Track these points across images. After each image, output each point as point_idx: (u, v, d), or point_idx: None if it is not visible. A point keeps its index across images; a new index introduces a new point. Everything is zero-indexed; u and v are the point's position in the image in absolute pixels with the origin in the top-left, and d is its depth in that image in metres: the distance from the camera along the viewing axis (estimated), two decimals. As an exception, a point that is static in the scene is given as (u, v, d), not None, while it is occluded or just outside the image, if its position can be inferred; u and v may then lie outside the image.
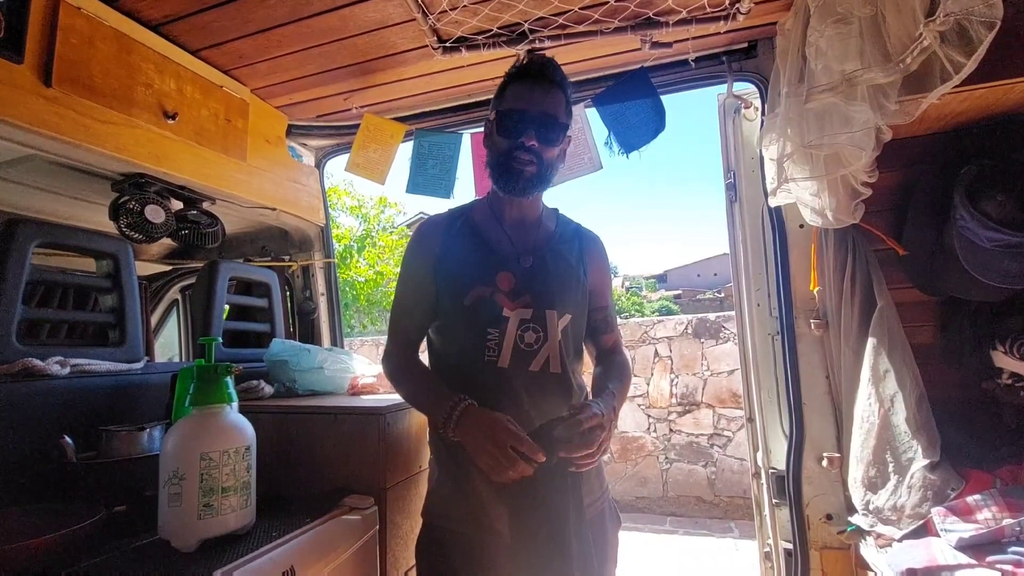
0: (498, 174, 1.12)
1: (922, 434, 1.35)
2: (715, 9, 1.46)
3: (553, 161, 1.13)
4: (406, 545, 1.34)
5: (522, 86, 1.10)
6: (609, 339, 1.25)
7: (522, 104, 1.08)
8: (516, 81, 1.12)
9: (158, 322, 2.77)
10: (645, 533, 3.90)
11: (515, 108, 1.08)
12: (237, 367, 1.11)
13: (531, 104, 1.08)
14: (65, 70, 1.27)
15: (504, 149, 1.10)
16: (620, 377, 1.17)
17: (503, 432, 0.93)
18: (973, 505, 1.23)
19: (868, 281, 1.48)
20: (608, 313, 1.25)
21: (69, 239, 1.41)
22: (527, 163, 1.08)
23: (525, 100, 1.08)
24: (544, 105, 1.08)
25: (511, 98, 1.10)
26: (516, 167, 1.08)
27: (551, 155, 1.12)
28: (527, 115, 1.07)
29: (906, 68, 1.00)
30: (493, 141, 1.14)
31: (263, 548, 0.95)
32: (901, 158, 1.56)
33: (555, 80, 1.11)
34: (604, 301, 1.25)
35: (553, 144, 1.11)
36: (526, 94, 1.09)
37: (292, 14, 1.46)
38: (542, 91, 1.09)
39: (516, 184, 1.10)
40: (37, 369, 1.20)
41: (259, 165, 1.87)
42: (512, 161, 1.08)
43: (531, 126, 1.07)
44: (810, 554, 1.56)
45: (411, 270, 1.19)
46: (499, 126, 1.10)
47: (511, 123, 1.08)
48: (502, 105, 1.11)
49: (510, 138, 1.09)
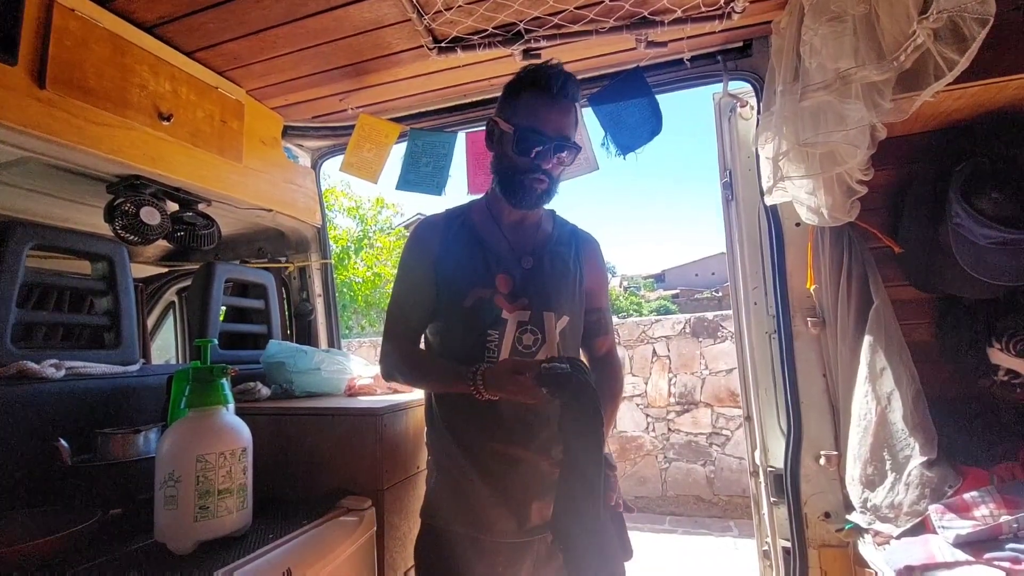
0: (509, 188, 1.11)
1: (919, 432, 1.35)
2: (710, 8, 1.46)
3: (560, 175, 1.14)
4: (403, 546, 1.34)
5: (541, 102, 1.07)
6: (603, 343, 1.25)
7: (542, 125, 1.05)
8: (533, 91, 1.08)
9: (154, 324, 2.76)
10: (644, 532, 3.90)
11: (535, 128, 1.05)
12: (233, 369, 1.11)
13: (551, 126, 1.06)
14: (59, 72, 1.26)
15: (520, 166, 1.08)
16: (612, 395, 1.20)
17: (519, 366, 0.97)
18: (970, 502, 1.23)
19: (864, 279, 1.48)
20: (603, 315, 1.25)
21: (64, 241, 1.40)
22: (540, 183, 1.09)
23: (545, 121, 1.06)
24: (563, 127, 1.07)
25: (528, 113, 1.06)
26: (530, 187, 1.09)
27: (559, 171, 1.13)
28: (546, 138, 1.05)
29: (900, 66, 1.01)
30: (506, 154, 1.10)
31: (260, 550, 0.95)
32: (896, 156, 1.56)
33: (573, 97, 1.10)
34: (600, 303, 1.25)
35: (565, 164, 1.12)
36: (546, 113, 1.06)
37: (287, 15, 1.46)
38: (562, 111, 1.07)
39: (527, 200, 1.11)
40: (32, 372, 1.19)
41: (255, 166, 1.86)
42: (527, 181, 1.08)
43: (553, 151, 1.06)
44: (808, 552, 1.56)
45: (409, 271, 1.19)
46: (517, 143, 1.07)
47: (531, 144, 1.06)
48: (518, 118, 1.07)
49: (527, 157, 1.07)
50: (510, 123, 1.08)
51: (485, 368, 0.99)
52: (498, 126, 1.12)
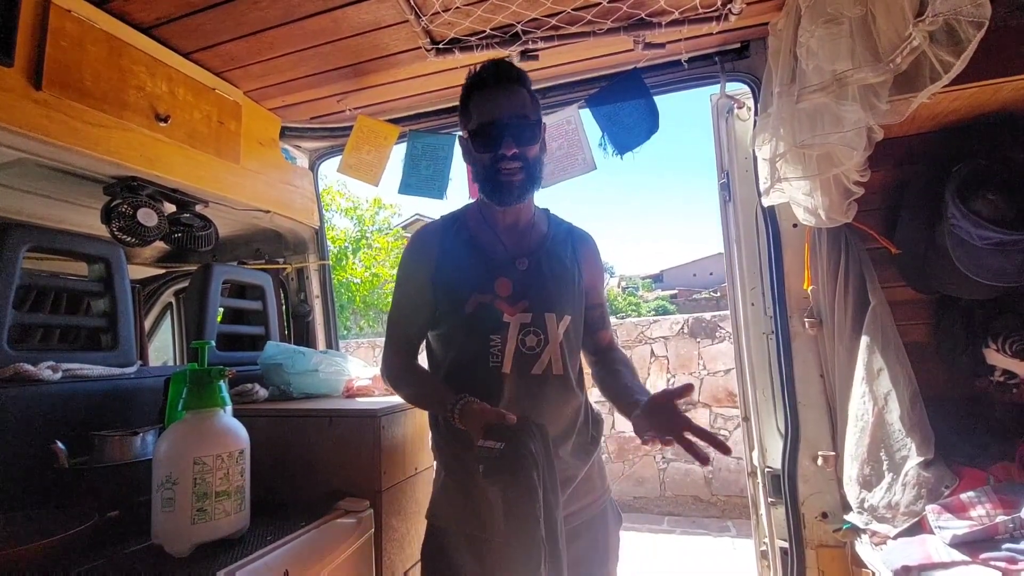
0: (489, 188, 1.11)
1: (916, 432, 1.36)
2: (707, 10, 1.47)
3: (537, 158, 1.11)
4: (401, 548, 1.34)
5: (484, 95, 1.08)
6: (605, 336, 1.27)
7: (490, 114, 1.06)
8: (476, 92, 1.09)
9: (152, 326, 2.76)
10: (643, 533, 3.91)
11: (485, 121, 1.06)
12: (231, 370, 1.11)
13: (499, 111, 1.06)
14: (55, 73, 1.26)
15: (487, 163, 1.08)
16: (632, 371, 1.19)
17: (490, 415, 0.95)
18: (967, 502, 1.24)
19: (861, 280, 1.49)
20: (604, 311, 1.26)
21: (60, 243, 1.40)
22: (514, 172, 1.07)
23: (492, 109, 1.06)
24: (510, 107, 1.06)
25: (477, 112, 1.08)
26: (504, 179, 1.07)
27: (533, 153, 1.10)
28: (498, 123, 1.05)
29: (896, 68, 1.01)
30: (474, 158, 1.12)
31: (258, 552, 0.95)
32: (893, 157, 1.57)
33: (513, 78, 1.09)
34: (599, 299, 1.25)
35: (532, 143, 1.09)
36: (490, 102, 1.07)
37: (285, 16, 1.46)
38: (505, 94, 1.07)
39: (509, 195, 1.09)
40: (28, 374, 1.19)
41: (252, 167, 1.86)
42: (499, 174, 1.07)
43: (506, 133, 1.05)
44: (806, 552, 1.57)
45: (409, 278, 1.19)
46: (475, 143, 1.09)
47: (486, 137, 1.07)
48: (471, 123, 1.09)
49: (490, 151, 1.07)
50: (467, 129, 1.12)
51: (463, 405, 0.99)
52: (463, 139, 1.15)
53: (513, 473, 0.87)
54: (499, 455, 0.87)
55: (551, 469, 0.93)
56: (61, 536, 0.86)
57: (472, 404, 0.98)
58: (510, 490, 0.88)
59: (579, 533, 1.09)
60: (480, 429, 0.93)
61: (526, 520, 0.86)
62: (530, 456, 0.89)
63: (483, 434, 0.91)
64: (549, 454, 0.94)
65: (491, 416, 0.94)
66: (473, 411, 0.97)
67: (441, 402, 1.04)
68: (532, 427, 0.93)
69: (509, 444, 0.88)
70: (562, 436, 1.09)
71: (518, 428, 0.92)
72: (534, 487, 0.87)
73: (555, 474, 0.94)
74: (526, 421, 0.94)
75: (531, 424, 0.94)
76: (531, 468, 0.88)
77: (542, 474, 0.90)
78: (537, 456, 0.90)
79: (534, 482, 0.88)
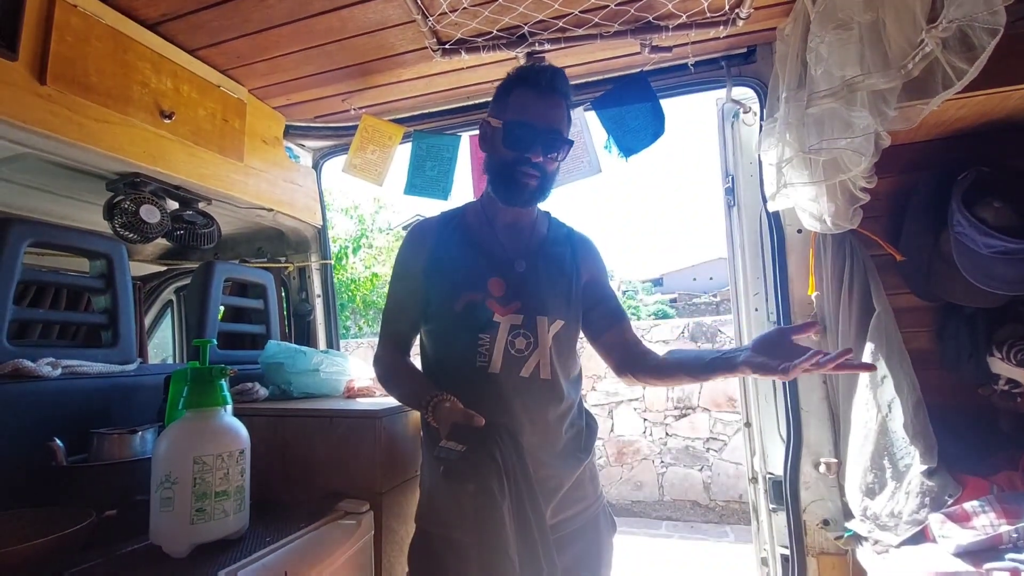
0: (500, 184, 1.11)
1: (919, 440, 1.35)
2: (715, 14, 1.46)
3: (554, 172, 1.13)
4: (401, 550, 1.33)
5: (529, 96, 1.07)
6: (628, 328, 1.20)
7: (530, 117, 1.06)
8: (522, 88, 1.09)
9: (152, 323, 2.75)
10: (641, 537, 3.90)
11: (523, 121, 1.06)
12: (231, 369, 1.10)
13: (539, 118, 1.06)
14: (60, 68, 1.25)
15: (509, 161, 1.08)
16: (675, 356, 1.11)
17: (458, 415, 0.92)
18: (971, 511, 1.23)
19: (866, 286, 1.48)
20: (617, 303, 1.22)
21: (62, 239, 1.39)
22: (532, 177, 1.08)
23: (533, 113, 1.06)
24: (551, 120, 1.07)
25: (517, 108, 1.08)
26: (520, 180, 1.08)
27: (553, 167, 1.12)
28: (535, 130, 1.05)
29: (908, 74, 1.01)
30: (496, 149, 1.11)
31: (257, 553, 0.94)
32: (899, 164, 1.56)
33: (563, 92, 1.09)
34: (609, 291, 1.22)
35: (557, 158, 1.11)
36: (534, 107, 1.07)
37: (291, 14, 1.45)
38: (550, 104, 1.07)
39: (519, 196, 1.10)
40: (27, 370, 1.18)
41: (256, 166, 1.85)
42: (516, 175, 1.07)
43: (539, 142, 1.06)
44: (807, 560, 1.56)
45: (403, 273, 1.18)
46: (506, 137, 1.08)
47: (519, 137, 1.06)
48: (508, 114, 1.09)
49: (516, 151, 1.07)
50: (500, 119, 1.10)
51: (436, 402, 0.97)
52: (489, 125, 1.13)
53: (472, 478, 0.85)
54: (459, 457, 0.85)
55: (526, 476, 0.90)
56: (57, 535, 0.85)
57: (444, 402, 0.96)
58: (473, 496, 0.86)
59: (571, 541, 1.08)
60: (446, 428, 0.91)
61: (487, 524, 0.84)
62: (492, 462, 0.86)
63: (447, 434, 0.89)
64: (523, 461, 0.91)
65: (459, 416, 0.91)
66: (444, 409, 0.95)
67: (419, 398, 1.02)
68: (499, 433, 0.91)
69: (470, 447, 0.86)
70: (547, 441, 1.07)
71: (483, 433, 0.89)
72: (492, 493, 0.85)
73: (531, 481, 0.91)
74: (493, 426, 0.91)
75: (499, 430, 0.91)
76: (491, 474, 0.85)
77: (511, 481, 0.87)
78: (505, 462, 0.87)
79: (492, 488, 0.85)
